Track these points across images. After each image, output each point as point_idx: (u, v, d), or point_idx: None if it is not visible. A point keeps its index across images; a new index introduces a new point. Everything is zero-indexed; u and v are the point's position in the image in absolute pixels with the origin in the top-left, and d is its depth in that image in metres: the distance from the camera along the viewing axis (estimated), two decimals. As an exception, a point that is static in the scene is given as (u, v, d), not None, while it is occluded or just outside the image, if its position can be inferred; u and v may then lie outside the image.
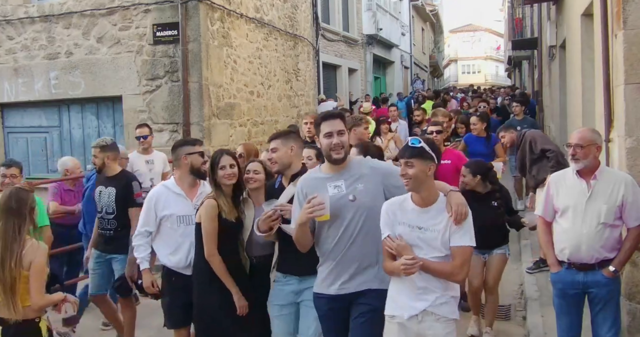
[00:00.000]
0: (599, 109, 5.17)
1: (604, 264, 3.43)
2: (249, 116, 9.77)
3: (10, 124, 9.45)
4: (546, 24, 12.37)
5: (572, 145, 3.45)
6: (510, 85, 31.34)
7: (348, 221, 2.97)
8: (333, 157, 2.97)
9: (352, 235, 2.98)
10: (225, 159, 3.64)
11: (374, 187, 3.01)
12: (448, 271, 2.73)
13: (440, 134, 5.12)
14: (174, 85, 8.22)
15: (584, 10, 6.47)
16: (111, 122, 8.91)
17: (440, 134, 5.13)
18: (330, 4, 16.87)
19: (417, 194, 2.79)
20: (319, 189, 2.98)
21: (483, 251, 4.55)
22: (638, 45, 4.19)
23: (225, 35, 8.92)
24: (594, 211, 3.39)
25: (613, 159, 4.64)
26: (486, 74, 59.30)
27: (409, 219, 2.81)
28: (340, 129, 3.01)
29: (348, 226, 2.98)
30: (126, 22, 8.42)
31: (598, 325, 3.50)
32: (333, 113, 3.12)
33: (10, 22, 8.98)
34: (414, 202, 2.83)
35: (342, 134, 3.00)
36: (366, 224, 2.97)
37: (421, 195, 2.79)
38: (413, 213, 2.81)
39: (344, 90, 17.53)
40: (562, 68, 10.03)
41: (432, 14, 33.93)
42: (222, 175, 3.61)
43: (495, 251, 4.56)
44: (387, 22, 21.60)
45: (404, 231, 2.81)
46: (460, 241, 2.72)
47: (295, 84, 12.26)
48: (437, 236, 2.75)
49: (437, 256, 2.75)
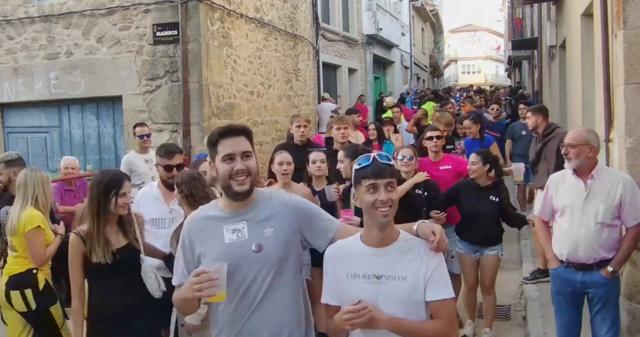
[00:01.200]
0: (599, 109, 5.17)
1: (602, 264, 3.44)
2: (249, 116, 9.77)
3: (10, 124, 9.44)
4: (546, 24, 12.36)
5: (565, 145, 3.48)
6: (509, 86, 31.31)
7: (250, 280, 2.22)
8: (234, 190, 2.21)
9: (255, 299, 2.23)
10: (127, 186, 3.18)
11: (288, 232, 2.27)
12: (437, 332, 2.06)
13: (440, 140, 5.05)
14: (174, 85, 8.22)
15: (584, 10, 6.47)
16: (111, 122, 8.91)
17: (439, 139, 5.05)
18: (330, 4, 16.86)
19: (380, 230, 2.09)
20: (211, 235, 2.25)
21: (475, 249, 4.56)
22: (638, 45, 4.20)
23: (225, 35, 8.92)
24: (591, 210, 3.40)
25: (613, 159, 4.64)
26: (486, 74, 59.30)
27: (361, 267, 2.10)
28: (245, 150, 2.23)
29: (250, 287, 2.22)
30: (126, 22, 8.42)
31: (597, 325, 3.51)
32: (236, 128, 2.29)
33: (10, 22, 8.97)
34: (367, 243, 2.14)
35: (249, 156, 2.25)
36: (275, 284, 2.23)
37: (384, 232, 2.10)
38: (367, 258, 2.11)
39: (344, 90, 17.54)
40: (562, 68, 10.03)
41: (432, 14, 33.94)
42: (121, 204, 3.13)
43: (487, 251, 4.54)
44: (387, 22, 21.59)
45: (357, 286, 2.09)
46: (443, 292, 2.06)
47: (295, 84, 12.26)
48: (405, 287, 2.06)
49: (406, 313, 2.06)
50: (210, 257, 2.22)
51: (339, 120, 5.69)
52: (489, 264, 4.56)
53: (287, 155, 4.32)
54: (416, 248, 2.11)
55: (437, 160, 5.05)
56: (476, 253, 4.57)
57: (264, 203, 2.31)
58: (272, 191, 2.42)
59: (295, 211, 2.31)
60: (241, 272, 2.22)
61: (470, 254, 4.58)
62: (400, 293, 2.06)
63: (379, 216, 2.05)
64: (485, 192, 4.51)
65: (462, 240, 4.62)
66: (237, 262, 2.20)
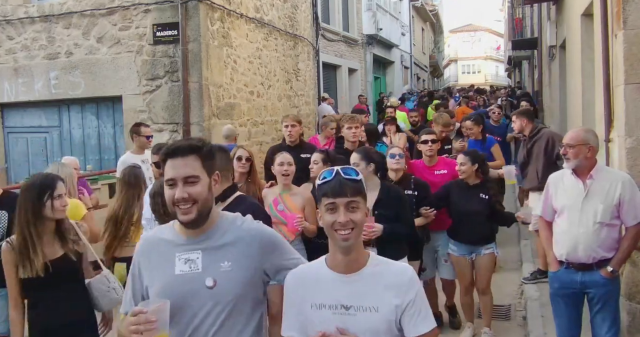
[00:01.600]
0: (599, 109, 5.17)
1: (602, 264, 3.43)
2: (249, 116, 9.77)
3: (10, 124, 9.45)
4: (546, 24, 12.36)
5: (563, 145, 3.48)
6: (509, 86, 31.29)
7: (200, 319, 1.96)
8: (179, 219, 1.97)
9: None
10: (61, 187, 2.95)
11: (248, 267, 1.99)
12: None
13: (435, 144, 4.95)
14: (174, 85, 8.22)
15: (584, 10, 6.47)
16: (111, 122, 8.92)
17: (435, 143, 4.95)
18: (330, 4, 16.87)
19: (344, 254, 1.85)
20: (162, 263, 2.00)
21: (470, 249, 4.52)
22: (638, 45, 4.20)
23: (225, 35, 8.92)
24: (590, 210, 3.40)
25: (613, 159, 4.64)
26: (486, 74, 59.28)
27: (327, 296, 1.86)
28: (188, 176, 1.93)
29: (199, 328, 1.96)
30: (126, 22, 8.42)
31: (597, 325, 3.50)
32: (183, 147, 1.97)
33: (10, 22, 8.98)
34: (333, 268, 1.90)
35: (193, 182, 1.93)
36: (229, 325, 1.97)
37: (350, 256, 1.85)
38: (333, 286, 1.87)
39: (344, 90, 17.54)
40: (562, 68, 10.03)
41: (432, 14, 33.95)
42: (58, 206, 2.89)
43: (482, 251, 4.51)
44: (387, 22, 21.60)
45: (323, 318, 1.85)
46: (423, 327, 1.84)
47: (295, 84, 12.26)
48: (377, 319, 1.82)
49: None
50: (156, 289, 1.97)
51: (351, 119, 5.55)
52: (485, 263, 4.53)
53: (287, 155, 4.24)
54: (389, 274, 1.86)
55: (432, 164, 4.99)
56: (471, 254, 4.53)
57: (224, 230, 2.02)
58: (237, 216, 2.11)
59: (260, 243, 2.03)
60: (190, 309, 1.95)
61: (465, 256, 4.54)
62: (372, 326, 1.81)
63: (339, 239, 1.82)
64: (475, 191, 4.50)
65: (457, 242, 4.57)
66: (186, 298, 1.94)
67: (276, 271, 2.06)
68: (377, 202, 3.84)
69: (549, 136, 5.50)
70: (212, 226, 2.02)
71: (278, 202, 4.13)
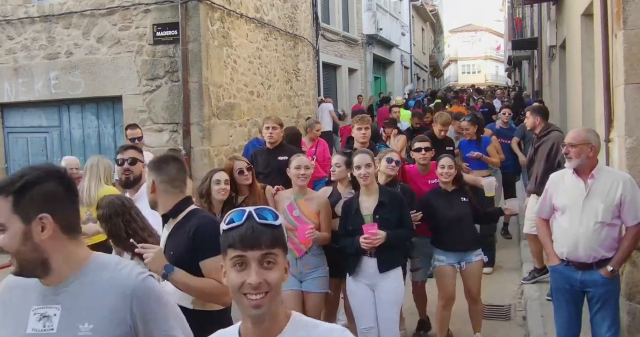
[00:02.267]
0: (599, 109, 5.17)
1: (602, 264, 3.44)
2: (249, 116, 9.77)
3: (10, 124, 9.44)
4: (546, 24, 12.37)
5: (565, 144, 3.49)
6: (508, 86, 31.27)
7: None
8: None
9: None
10: None
11: (114, 331, 1.58)
12: None
13: (429, 151, 4.81)
14: (174, 85, 8.22)
15: (584, 10, 6.47)
16: (111, 122, 8.91)
17: (429, 151, 4.81)
18: (330, 4, 16.87)
19: (256, 324, 1.41)
20: (15, 314, 1.64)
21: (459, 258, 4.34)
22: (638, 45, 4.20)
23: (225, 35, 8.92)
24: (591, 209, 3.40)
25: (613, 159, 4.64)
26: (486, 74, 59.31)
27: None
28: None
29: None
30: (126, 22, 8.42)
31: (597, 324, 3.51)
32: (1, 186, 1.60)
33: (10, 22, 8.97)
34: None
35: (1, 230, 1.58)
36: None
37: (263, 325, 1.41)
38: None
39: (344, 90, 17.53)
40: (562, 68, 10.03)
41: (432, 14, 33.96)
42: None
43: (473, 257, 4.35)
44: (387, 22, 21.60)
45: None
46: None
47: (295, 84, 12.26)
48: None
49: None
50: None
51: (360, 120, 5.39)
52: (475, 271, 4.37)
53: (304, 158, 4.10)
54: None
55: (425, 173, 4.86)
56: (460, 263, 4.34)
57: (90, 280, 1.61)
58: (114, 261, 1.69)
59: (132, 301, 1.59)
60: None
61: (454, 265, 4.35)
62: None
63: (248, 306, 1.38)
64: (455, 195, 4.42)
65: (444, 250, 4.36)
66: None
67: (145, 325, 1.61)
68: (378, 207, 3.79)
69: (554, 141, 5.37)
70: (76, 272, 1.61)
71: (293, 208, 3.99)
